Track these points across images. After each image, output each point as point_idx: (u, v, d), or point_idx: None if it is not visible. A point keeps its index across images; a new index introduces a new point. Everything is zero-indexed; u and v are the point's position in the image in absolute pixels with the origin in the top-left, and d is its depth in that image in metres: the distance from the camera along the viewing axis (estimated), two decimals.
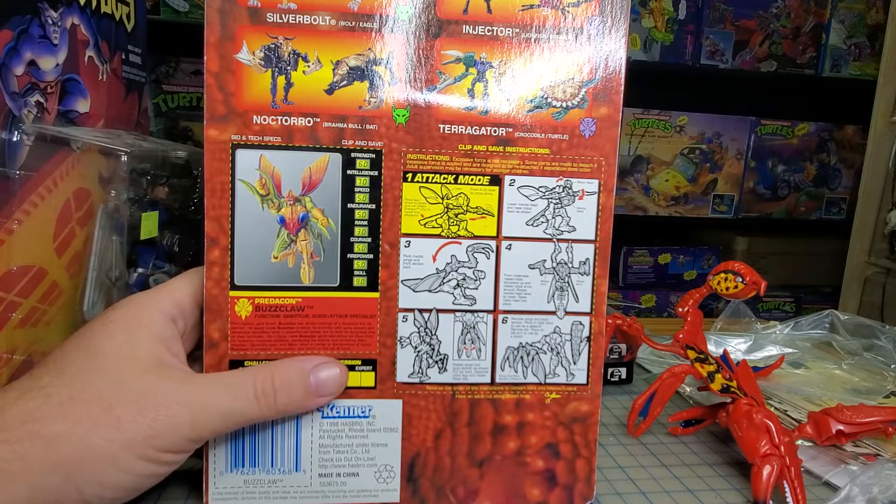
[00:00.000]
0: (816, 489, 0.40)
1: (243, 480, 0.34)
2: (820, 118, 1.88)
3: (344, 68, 0.34)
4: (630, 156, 1.78)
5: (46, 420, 0.29)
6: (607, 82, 0.35)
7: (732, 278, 0.46)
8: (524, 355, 0.36)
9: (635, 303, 1.80)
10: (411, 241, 0.35)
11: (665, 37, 1.79)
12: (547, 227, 0.36)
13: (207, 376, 0.33)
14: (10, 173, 0.39)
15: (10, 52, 0.38)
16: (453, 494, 0.36)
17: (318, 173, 0.34)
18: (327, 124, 0.34)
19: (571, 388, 0.37)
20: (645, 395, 0.45)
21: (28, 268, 0.40)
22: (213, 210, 0.33)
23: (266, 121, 0.33)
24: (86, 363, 0.31)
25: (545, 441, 0.36)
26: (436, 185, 0.35)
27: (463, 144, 0.35)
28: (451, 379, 0.36)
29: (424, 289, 0.35)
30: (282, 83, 0.33)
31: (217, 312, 0.34)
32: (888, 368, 0.60)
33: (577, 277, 0.36)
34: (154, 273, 0.49)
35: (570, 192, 0.36)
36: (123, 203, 0.46)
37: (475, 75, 0.34)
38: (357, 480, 0.35)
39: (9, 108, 0.38)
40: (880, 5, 1.83)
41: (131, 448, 0.29)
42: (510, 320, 0.36)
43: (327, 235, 0.34)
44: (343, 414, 0.35)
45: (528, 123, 0.35)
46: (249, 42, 0.33)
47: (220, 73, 0.33)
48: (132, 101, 0.54)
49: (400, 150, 0.34)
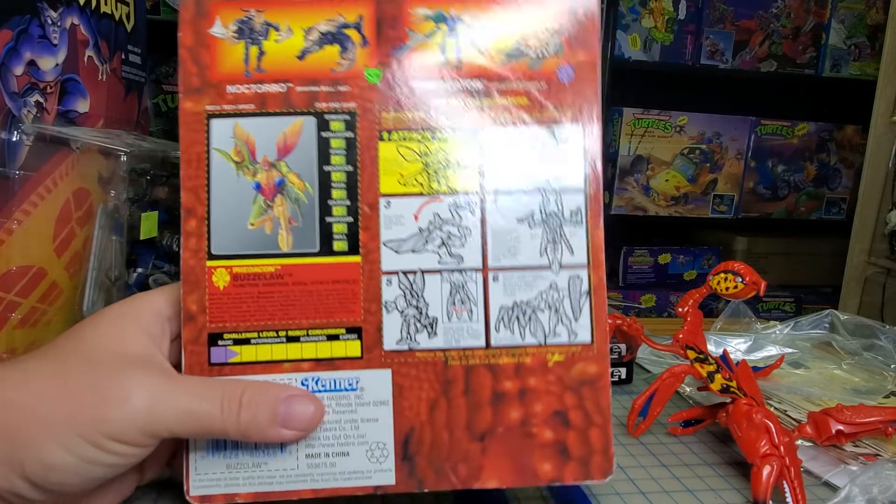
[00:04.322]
0: (816, 489, 0.40)
1: (226, 465, 0.33)
2: (820, 118, 1.89)
3: (315, 34, 0.34)
4: (630, 156, 1.78)
5: (5, 386, 0.29)
6: (582, 28, 0.35)
7: (732, 278, 0.46)
8: (520, 314, 0.34)
9: (635, 303, 1.80)
10: (391, 200, 0.34)
11: (665, 37, 1.79)
12: (532, 177, 0.35)
13: (180, 375, 0.32)
14: (9, 173, 0.39)
15: (10, 52, 0.38)
16: (454, 473, 0.33)
17: (292, 137, 0.34)
18: (300, 88, 0.34)
19: (575, 347, 0.34)
20: (645, 395, 0.45)
21: (28, 268, 0.40)
22: (189, 181, 0.34)
23: (240, 90, 0.34)
24: (65, 346, 0.31)
25: (552, 408, 0.34)
26: (413, 142, 0.34)
27: (438, 99, 0.34)
28: (443, 344, 0.34)
29: (408, 249, 0.34)
30: (254, 53, 0.34)
31: (194, 284, 0.33)
32: (888, 368, 0.60)
33: (570, 228, 0.34)
34: (154, 273, 0.49)
35: (552, 140, 0.35)
36: (123, 203, 0.46)
37: (446, 31, 0.34)
38: (347, 461, 0.33)
39: (9, 108, 0.38)
40: (880, 5, 1.83)
41: (76, 426, 0.28)
42: (501, 277, 0.34)
43: (304, 199, 0.34)
44: (329, 387, 0.33)
45: (504, 74, 0.34)
46: (223, 17, 0.34)
47: (193, 48, 0.34)
48: (132, 101, 0.54)
49: (374, 110, 0.34)
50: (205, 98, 0.34)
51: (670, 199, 1.83)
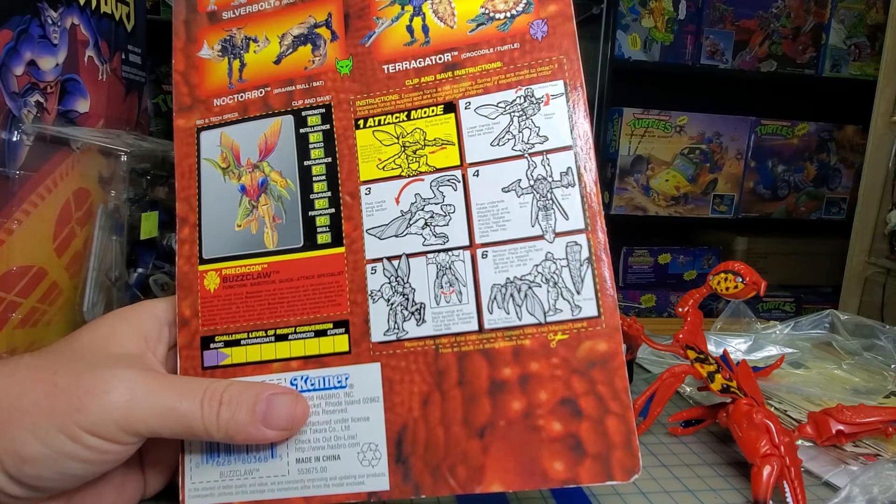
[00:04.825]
0: (816, 489, 0.40)
1: (219, 472, 0.32)
2: (820, 118, 1.88)
3: (288, 38, 0.36)
4: (630, 156, 1.78)
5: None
6: None
7: (732, 278, 0.46)
8: (514, 292, 0.31)
9: (635, 303, 1.80)
10: (371, 187, 0.34)
11: (665, 37, 1.79)
12: (515, 143, 0.33)
13: (167, 374, 0.32)
14: (9, 173, 0.39)
15: (10, 52, 0.38)
16: (453, 476, 0.30)
17: (272, 137, 0.35)
18: (277, 90, 0.36)
19: (580, 323, 0.31)
20: (645, 395, 0.45)
21: (28, 268, 0.40)
22: (183, 191, 0.35)
23: (224, 101, 0.36)
24: (62, 344, 0.31)
25: (559, 396, 0.30)
26: (388, 125, 0.34)
27: (409, 79, 0.34)
28: (432, 331, 0.32)
29: (390, 234, 0.33)
30: (236, 66, 0.36)
31: (188, 289, 0.34)
32: (888, 368, 0.60)
33: (562, 191, 0.32)
34: (154, 273, 0.49)
35: (532, 100, 0.33)
36: (123, 203, 0.46)
37: (412, 11, 0.35)
38: (338, 465, 0.31)
39: (9, 108, 0.38)
40: (880, 5, 1.83)
41: (53, 417, 0.27)
42: (491, 253, 0.32)
43: (287, 196, 0.35)
44: (317, 386, 0.32)
45: (474, 42, 0.34)
46: (209, 40, 0.37)
47: (185, 71, 0.36)
48: (132, 101, 0.54)
49: (348, 100, 0.35)
50: (195, 114, 0.36)
51: (670, 199, 1.83)
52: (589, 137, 0.32)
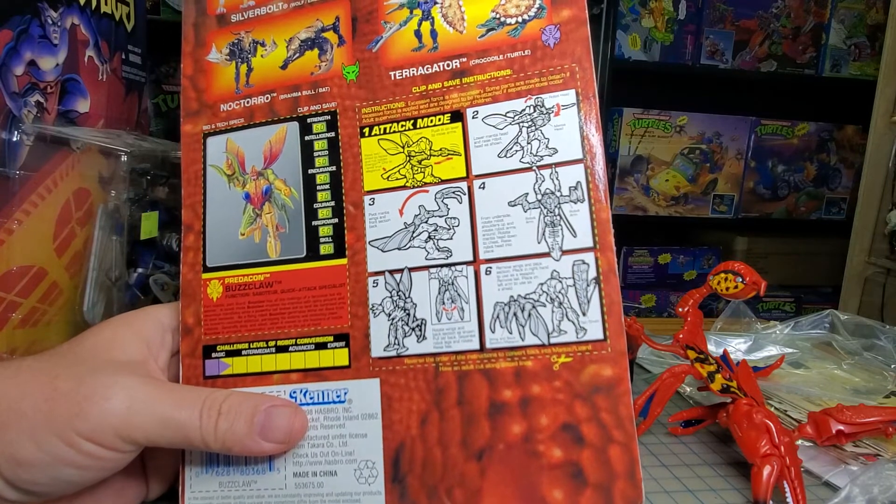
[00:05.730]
0: (816, 489, 0.40)
1: (219, 483, 0.32)
2: (820, 118, 1.88)
3: (296, 43, 0.35)
4: (630, 156, 1.78)
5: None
6: None
7: (732, 278, 0.46)
8: (518, 311, 0.30)
9: (635, 303, 1.80)
10: (375, 197, 0.33)
11: (665, 37, 1.79)
12: (523, 154, 0.31)
13: (168, 382, 0.32)
14: (10, 173, 0.39)
15: (10, 52, 0.38)
16: (450, 498, 0.29)
17: (277, 144, 0.35)
18: (283, 96, 0.35)
19: (585, 346, 0.29)
20: (645, 395, 0.45)
21: (28, 268, 0.40)
22: (189, 198, 0.35)
23: (231, 107, 0.35)
24: (65, 348, 0.31)
25: (560, 421, 0.29)
26: (394, 134, 0.33)
27: (416, 86, 0.33)
28: (432, 348, 0.31)
29: (393, 247, 0.32)
30: (244, 70, 0.36)
31: (191, 297, 0.34)
32: (888, 368, 0.60)
33: (570, 206, 0.31)
34: (154, 273, 0.49)
35: (542, 110, 0.32)
36: (123, 203, 0.46)
37: (420, 16, 0.34)
38: (335, 481, 0.31)
39: (9, 108, 0.38)
40: (880, 5, 1.83)
41: (51, 422, 0.27)
42: (495, 270, 0.31)
43: (291, 205, 0.34)
44: (316, 400, 0.32)
45: (483, 49, 0.33)
46: (217, 43, 0.36)
47: (193, 76, 0.36)
48: (132, 101, 0.54)
49: (354, 107, 0.34)
50: (202, 119, 0.36)
51: (670, 199, 1.83)
52: (600, 150, 0.31)
